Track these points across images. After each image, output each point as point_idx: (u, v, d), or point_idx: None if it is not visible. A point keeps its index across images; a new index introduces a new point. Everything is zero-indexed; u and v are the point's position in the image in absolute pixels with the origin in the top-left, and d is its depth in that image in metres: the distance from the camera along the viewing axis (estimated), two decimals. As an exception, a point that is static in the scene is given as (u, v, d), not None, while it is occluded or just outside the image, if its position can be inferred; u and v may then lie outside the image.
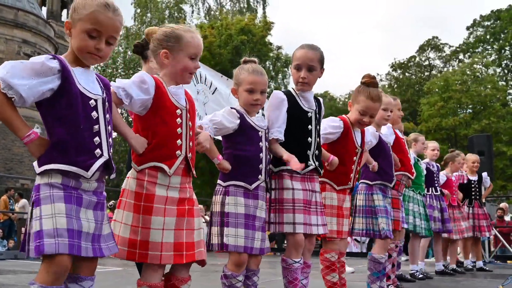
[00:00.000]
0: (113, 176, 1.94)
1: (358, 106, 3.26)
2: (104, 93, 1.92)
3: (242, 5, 30.88)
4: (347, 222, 3.30)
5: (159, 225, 2.04)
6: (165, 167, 2.10)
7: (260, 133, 2.69)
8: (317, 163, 2.86)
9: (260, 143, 2.67)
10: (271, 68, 24.59)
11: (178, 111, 2.16)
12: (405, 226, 4.31)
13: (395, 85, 35.34)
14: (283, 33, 56.50)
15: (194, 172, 2.23)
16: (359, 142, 3.34)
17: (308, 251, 2.92)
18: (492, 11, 31.08)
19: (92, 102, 1.85)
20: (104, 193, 1.95)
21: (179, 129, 2.15)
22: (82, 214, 1.80)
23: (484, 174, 7.05)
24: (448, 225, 5.79)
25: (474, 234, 6.67)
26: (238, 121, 2.63)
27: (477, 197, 6.79)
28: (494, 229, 9.37)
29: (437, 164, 6.12)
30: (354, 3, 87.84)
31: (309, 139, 2.85)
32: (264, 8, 30.44)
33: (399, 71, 36.15)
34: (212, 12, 30.31)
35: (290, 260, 2.72)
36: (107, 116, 1.91)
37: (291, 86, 3.02)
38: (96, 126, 1.85)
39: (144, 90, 2.09)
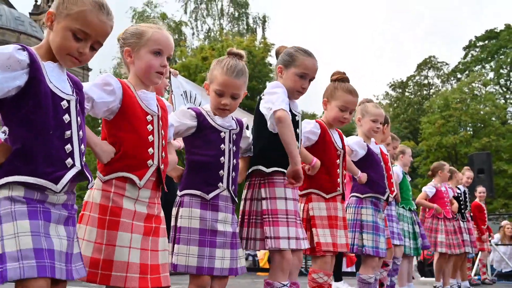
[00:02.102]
0: (91, 185, 1.73)
1: (337, 102, 3.00)
2: (75, 93, 1.66)
3: (242, 27, 31.24)
4: (344, 233, 2.93)
5: (126, 243, 1.81)
6: (135, 178, 1.88)
7: (222, 133, 2.35)
8: None
9: (222, 146, 2.33)
10: (271, 89, 24.79)
11: (149, 117, 1.96)
12: (396, 242, 4.15)
13: (395, 104, 35.48)
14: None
15: (165, 187, 2.02)
16: (339, 143, 3.05)
17: (296, 269, 2.64)
18: (486, 31, 31.44)
19: (64, 103, 1.58)
20: (75, 206, 1.70)
21: (150, 137, 1.94)
22: (52, 231, 1.53)
23: (461, 186, 6.82)
24: (426, 240, 5.64)
25: (472, 251, 6.39)
26: (193, 123, 2.33)
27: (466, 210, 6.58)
28: (495, 246, 9.31)
29: None
30: (353, 25, 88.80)
31: (297, 143, 2.67)
32: (263, 30, 30.79)
33: (398, 91, 36.35)
34: (212, 34, 30.60)
35: (277, 284, 2.39)
36: (79, 119, 1.65)
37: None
38: (68, 132, 1.59)
39: (108, 92, 1.88)
